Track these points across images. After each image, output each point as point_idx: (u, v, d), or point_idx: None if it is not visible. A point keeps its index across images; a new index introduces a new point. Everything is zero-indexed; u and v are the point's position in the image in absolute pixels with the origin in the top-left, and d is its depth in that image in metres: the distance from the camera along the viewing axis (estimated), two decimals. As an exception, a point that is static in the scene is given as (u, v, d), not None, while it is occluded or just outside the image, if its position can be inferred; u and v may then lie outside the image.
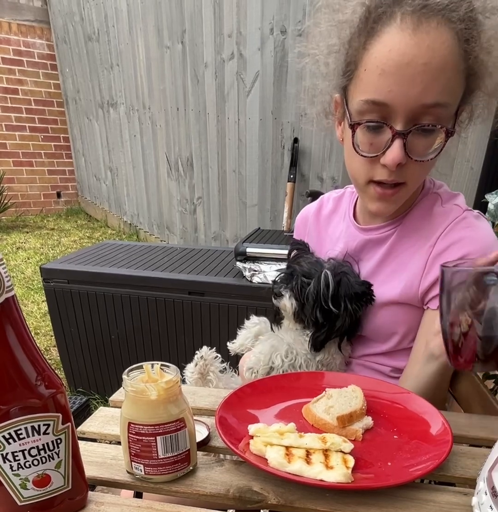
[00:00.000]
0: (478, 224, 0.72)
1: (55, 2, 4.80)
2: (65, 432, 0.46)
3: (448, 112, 0.63)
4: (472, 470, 0.51)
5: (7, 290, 0.41)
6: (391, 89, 0.61)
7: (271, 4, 2.60)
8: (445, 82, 0.60)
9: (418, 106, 0.61)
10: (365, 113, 0.65)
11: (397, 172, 0.66)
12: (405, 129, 0.63)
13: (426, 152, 0.65)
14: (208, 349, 0.92)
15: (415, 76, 0.59)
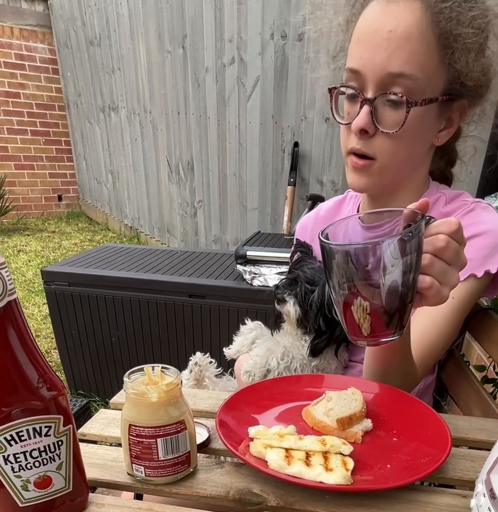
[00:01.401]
0: (486, 213, 0.72)
1: (57, 7, 4.83)
2: (67, 434, 0.46)
3: (417, 86, 0.64)
4: (471, 472, 0.51)
5: (9, 293, 0.42)
6: (362, 55, 0.65)
7: (271, 10, 2.62)
8: (410, 51, 0.62)
9: (385, 74, 0.64)
10: (347, 81, 0.69)
11: (365, 143, 0.68)
12: (372, 96, 0.65)
13: (393, 125, 0.66)
14: (202, 355, 0.93)
15: (381, 43, 0.63)
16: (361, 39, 0.66)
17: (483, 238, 0.69)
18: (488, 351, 0.75)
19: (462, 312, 0.72)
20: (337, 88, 0.70)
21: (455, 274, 0.51)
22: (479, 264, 0.69)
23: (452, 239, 0.50)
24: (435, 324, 0.71)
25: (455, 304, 0.71)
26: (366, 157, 0.69)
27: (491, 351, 0.74)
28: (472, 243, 0.69)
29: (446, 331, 0.72)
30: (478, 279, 0.70)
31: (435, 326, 0.71)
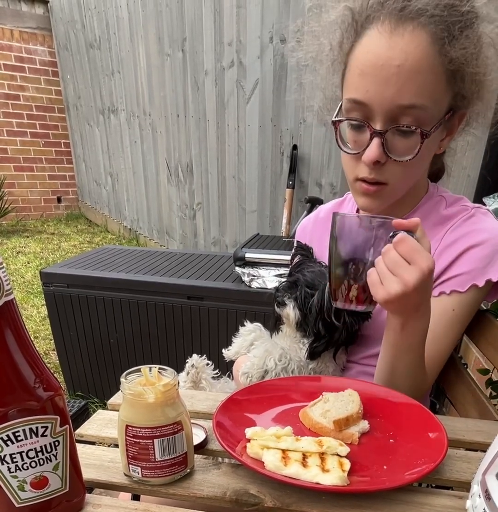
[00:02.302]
0: (486, 219, 0.73)
1: (57, 10, 4.85)
2: (63, 434, 0.46)
3: (427, 114, 0.64)
4: (468, 473, 0.51)
5: (6, 294, 0.42)
6: (368, 89, 0.63)
7: (270, 14, 2.63)
8: (420, 84, 0.62)
9: (395, 106, 0.63)
10: (350, 111, 0.67)
11: (377, 171, 0.68)
12: (383, 128, 0.65)
13: (405, 152, 0.66)
14: (199, 357, 0.93)
15: (389, 78, 0.61)
16: (365, 72, 0.63)
17: (482, 247, 0.70)
18: (486, 354, 0.75)
19: (463, 322, 0.73)
20: (341, 121, 0.69)
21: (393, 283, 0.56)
22: (480, 274, 0.70)
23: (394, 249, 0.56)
24: (436, 337, 0.71)
25: (456, 316, 0.71)
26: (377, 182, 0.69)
27: (489, 354, 0.74)
28: (472, 253, 0.70)
29: (447, 343, 0.73)
30: (479, 289, 0.70)
31: (436, 339, 0.71)
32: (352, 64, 0.66)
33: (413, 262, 0.55)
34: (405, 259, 0.55)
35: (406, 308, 0.59)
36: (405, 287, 0.55)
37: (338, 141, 0.70)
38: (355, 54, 0.66)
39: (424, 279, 0.55)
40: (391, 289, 0.56)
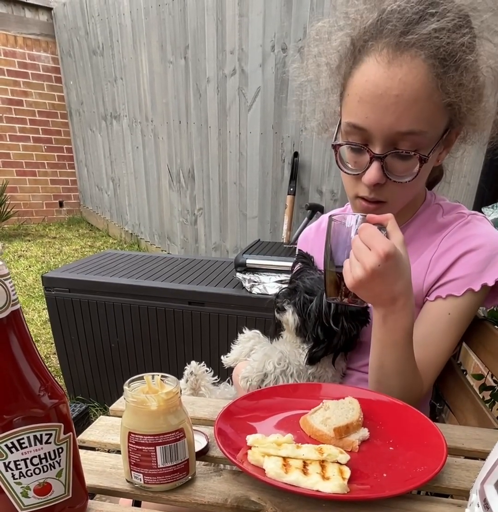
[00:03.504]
0: (482, 225, 0.74)
1: (60, 16, 4.90)
2: (67, 441, 0.46)
3: (425, 139, 0.65)
4: (467, 482, 0.51)
5: (13, 304, 0.43)
6: (368, 116, 0.65)
7: (272, 22, 2.66)
8: (418, 111, 0.63)
9: (393, 133, 0.64)
10: (349, 134, 0.69)
11: (377, 191, 0.69)
12: (382, 153, 0.66)
13: (404, 174, 0.68)
14: (197, 364, 0.93)
15: (388, 107, 0.63)
16: (364, 100, 0.65)
17: (478, 252, 0.71)
18: (484, 361, 0.76)
19: (459, 327, 0.74)
20: (342, 145, 0.70)
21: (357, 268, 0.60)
22: (476, 278, 0.70)
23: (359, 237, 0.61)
24: (432, 341, 0.72)
25: (452, 320, 0.72)
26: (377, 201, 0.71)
27: (487, 361, 0.75)
28: (468, 258, 0.71)
29: (443, 347, 0.73)
30: (475, 293, 0.71)
31: (432, 343, 0.72)
32: (351, 90, 0.67)
33: (372, 247, 0.58)
34: (366, 245, 0.59)
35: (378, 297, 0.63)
36: (364, 271, 0.58)
37: (338, 162, 0.72)
38: (354, 81, 0.67)
39: (381, 262, 0.58)
40: (355, 274, 0.60)
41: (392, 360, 0.66)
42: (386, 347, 0.66)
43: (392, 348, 0.66)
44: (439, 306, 0.73)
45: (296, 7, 2.54)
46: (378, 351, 0.68)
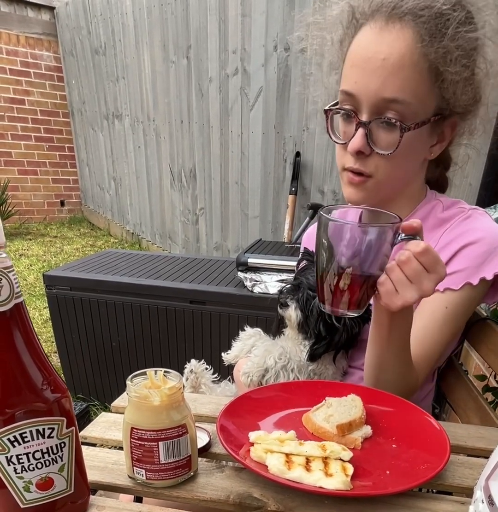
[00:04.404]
0: (482, 219, 0.74)
1: (63, 16, 4.91)
2: (69, 436, 0.46)
3: (410, 111, 0.66)
4: (470, 479, 0.51)
5: (16, 296, 0.43)
6: (356, 80, 0.67)
7: (275, 23, 2.67)
8: (403, 79, 0.65)
9: (379, 99, 0.66)
10: (342, 102, 0.71)
11: (361, 162, 0.70)
12: (367, 120, 0.68)
13: (388, 146, 0.68)
14: (197, 362, 0.93)
15: (375, 70, 0.65)
16: (355, 64, 0.68)
17: (477, 246, 0.71)
18: (487, 360, 0.76)
19: (457, 320, 0.73)
20: (332, 110, 0.73)
21: (411, 291, 0.56)
22: (474, 272, 0.70)
23: (415, 258, 0.55)
24: (428, 334, 0.72)
25: (449, 314, 0.72)
26: (362, 174, 0.71)
27: (489, 360, 0.75)
28: (468, 251, 0.71)
29: (439, 340, 0.73)
30: (474, 287, 0.71)
31: (428, 336, 0.72)
32: (346, 58, 0.71)
33: (434, 271, 0.56)
34: (425, 268, 0.56)
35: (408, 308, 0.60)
36: (423, 294, 0.56)
37: (328, 129, 0.74)
38: (350, 50, 0.70)
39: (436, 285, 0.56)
40: (409, 297, 0.56)
41: (390, 358, 0.66)
42: (386, 346, 0.66)
43: (392, 348, 0.65)
44: (436, 300, 0.72)
45: (298, 7, 2.54)
46: (377, 350, 0.67)
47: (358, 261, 0.56)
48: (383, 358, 0.67)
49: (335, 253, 0.57)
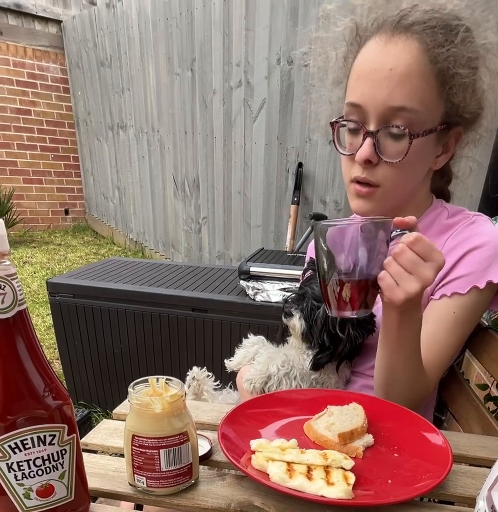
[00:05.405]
0: (486, 224, 0.75)
1: (70, 29, 5.02)
2: (70, 443, 0.46)
3: (418, 118, 0.67)
4: (472, 489, 0.51)
5: (19, 303, 0.43)
6: (363, 91, 0.68)
7: (278, 36, 2.71)
8: (410, 88, 0.66)
9: (386, 108, 0.67)
10: (348, 115, 0.72)
11: (369, 171, 0.71)
12: (375, 129, 0.68)
13: (396, 155, 0.69)
14: (199, 369, 0.94)
15: (382, 81, 0.66)
16: (361, 76, 0.69)
17: (483, 250, 0.71)
18: (489, 370, 0.75)
19: (465, 326, 0.73)
20: (338, 122, 0.74)
21: (411, 282, 0.56)
22: (481, 275, 0.70)
23: (409, 249, 0.56)
24: (437, 339, 0.72)
25: (457, 319, 0.72)
26: (369, 184, 0.72)
27: (492, 370, 0.74)
28: (473, 256, 0.71)
29: (448, 346, 0.73)
30: (480, 291, 0.71)
31: (437, 341, 0.72)
32: (352, 72, 0.72)
33: (430, 259, 0.56)
34: (421, 257, 0.56)
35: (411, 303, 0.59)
36: (424, 283, 0.56)
37: (334, 141, 0.75)
38: (355, 64, 0.72)
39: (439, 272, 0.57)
40: (410, 288, 0.56)
41: (401, 362, 0.66)
42: (396, 349, 0.66)
43: (402, 351, 0.65)
44: (444, 305, 0.72)
45: (301, 21, 2.59)
46: (387, 353, 0.67)
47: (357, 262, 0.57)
48: (393, 362, 0.67)
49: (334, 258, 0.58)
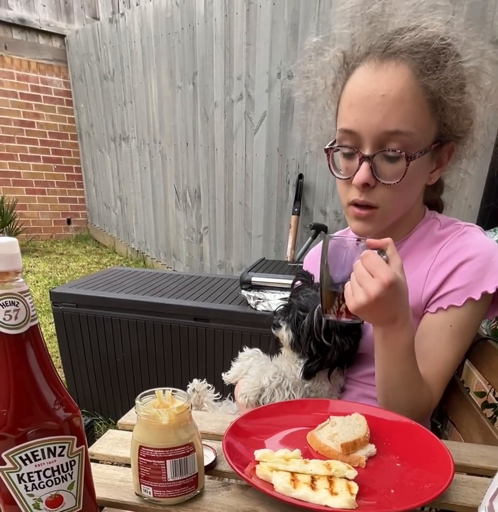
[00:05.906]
0: (477, 235, 0.76)
1: (73, 43, 5.11)
2: (79, 454, 0.47)
3: (412, 140, 0.69)
4: (473, 498, 0.51)
5: (32, 319, 0.44)
6: (356, 118, 0.70)
7: (278, 51, 2.77)
8: (404, 111, 0.67)
9: (381, 133, 0.68)
10: (342, 140, 0.73)
11: (367, 194, 0.72)
12: (371, 153, 0.70)
13: (393, 176, 0.71)
14: (199, 381, 0.95)
15: (375, 107, 0.68)
16: (353, 103, 0.70)
17: (475, 261, 0.72)
18: (489, 379, 0.76)
19: (463, 338, 0.74)
20: (333, 148, 0.75)
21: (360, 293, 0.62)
22: (475, 287, 0.72)
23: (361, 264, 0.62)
24: (436, 354, 0.73)
25: (455, 332, 0.73)
26: (368, 206, 0.74)
27: (491, 379, 0.75)
28: (466, 267, 0.73)
29: (448, 359, 0.74)
30: (476, 302, 0.72)
31: (436, 356, 0.73)
32: (342, 99, 0.73)
33: (375, 275, 0.60)
34: (369, 272, 0.61)
35: (379, 318, 0.65)
36: (368, 297, 0.60)
37: (330, 167, 0.76)
38: (345, 91, 0.73)
39: (385, 290, 0.60)
40: (358, 299, 0.61)
41: (395, 373, 0.68)
42: (388, 362, 0.68)
43: (394, 363, 0.67)
44: (440, 318, 0.74)
45: (301, 36, 2.64)
46: (381, 365, 0.69)
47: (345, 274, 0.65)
48: (387, 374, 0.68)
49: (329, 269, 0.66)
